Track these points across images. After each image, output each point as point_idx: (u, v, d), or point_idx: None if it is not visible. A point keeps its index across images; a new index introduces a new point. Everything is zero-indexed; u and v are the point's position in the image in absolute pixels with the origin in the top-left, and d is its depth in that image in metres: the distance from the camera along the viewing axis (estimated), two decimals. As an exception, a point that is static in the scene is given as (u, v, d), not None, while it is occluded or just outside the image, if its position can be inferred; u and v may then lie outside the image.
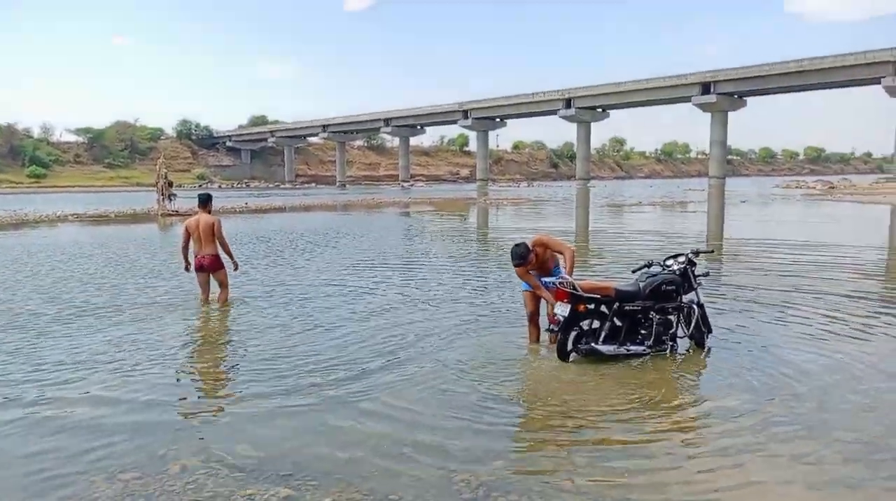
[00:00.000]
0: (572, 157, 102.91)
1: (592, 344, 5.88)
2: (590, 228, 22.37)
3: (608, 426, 4.46)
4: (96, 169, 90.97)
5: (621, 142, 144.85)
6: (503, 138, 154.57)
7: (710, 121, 68.08)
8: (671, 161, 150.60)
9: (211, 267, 8.50)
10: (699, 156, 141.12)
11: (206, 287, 8.61)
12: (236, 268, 8.90)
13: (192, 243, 8.49)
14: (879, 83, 55.61)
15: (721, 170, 69.04)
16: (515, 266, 6.10)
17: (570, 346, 5.94)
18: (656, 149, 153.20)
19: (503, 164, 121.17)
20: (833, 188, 50.91)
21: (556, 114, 78.23)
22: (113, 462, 3.96)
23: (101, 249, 15.53)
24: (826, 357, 5.97)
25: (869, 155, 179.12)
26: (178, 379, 5.65)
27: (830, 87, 63.94)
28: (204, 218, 8.49)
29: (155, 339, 6.85)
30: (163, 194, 29.67)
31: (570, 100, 75.45)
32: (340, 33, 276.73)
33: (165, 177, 30.14)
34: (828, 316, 7.54)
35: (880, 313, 7.73)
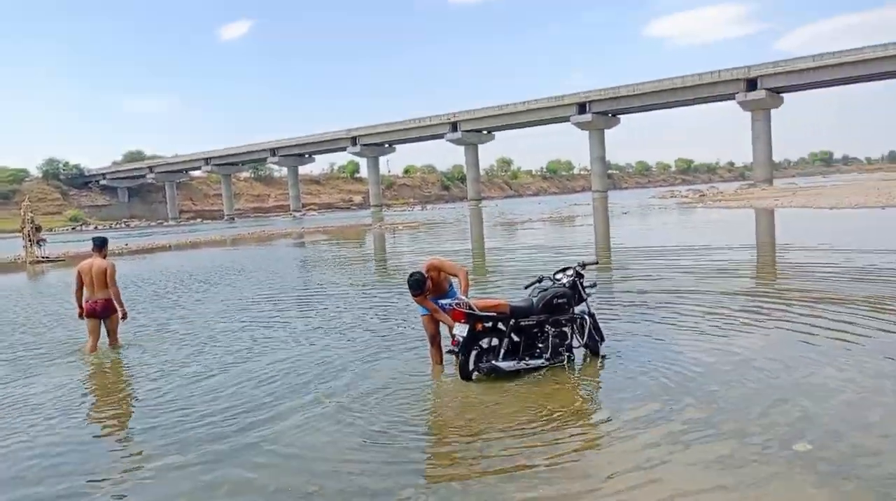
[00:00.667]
0: (463, 179, 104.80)
1: (493, 362, 5.98)
2: (485, 246, 22.86)
3: (516, 447, 4.45)
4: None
5: (508, 162, 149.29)
6: (394, 163, 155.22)
7: (589, 138, 71.57)
8: (557, 178, 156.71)
9: (103, 313, 8.12)
10: (582, 173, 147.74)
11: (95, 334, 8.12)
12: (124, 317, 8.36)
13: (84, 288, 8.10)
14: (734, 98, 60.72)
15: (603, 184, 72.63)
16: (414, 295, 6.13)
17: (471, 365, 6.01)
18: (542, 168, 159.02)
19: (396, 189, 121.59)
20: (703, 196, 54.69)
21: (443, 137, 79.59)
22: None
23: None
24: (720, 350, 6.39)
25: (732, 164, 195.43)
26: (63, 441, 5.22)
27: (692, 104, 68.90)
28: (98, 262, 8.14)
29: (40, 393, 6.30)
30: (30, 240, 27.50)
31: (456, 123, 77.07)
32: (217, 65, 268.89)
33: (32, 222, 27.95)
34: (712, 313, 8.08)
35: (759, 307, 8.37)
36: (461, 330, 5.86)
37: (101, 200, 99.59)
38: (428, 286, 6.10)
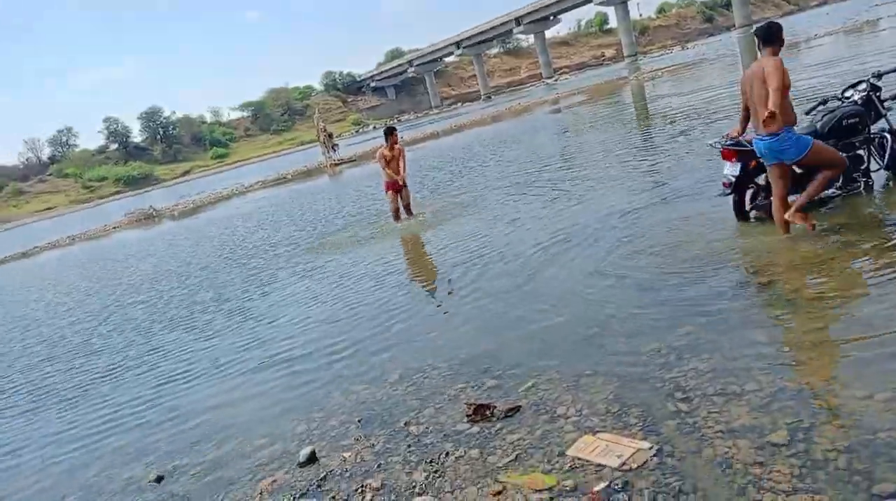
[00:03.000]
0: (728, 5, 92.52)
1: (772, 198, 5.59)
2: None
3: (797, 279, 4.32)
4: (264, 138, 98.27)
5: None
6: (645, 5, 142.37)
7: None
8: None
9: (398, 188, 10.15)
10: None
11: (396, 204, 10.19)
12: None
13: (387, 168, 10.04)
14: None
15: (914, -28, 58.36)
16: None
17: (748, 205, 5.71)
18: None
19: (651, 33, 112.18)
20: None
21: (699, -39, 70.39)
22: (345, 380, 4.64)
23: (296, 202, 17.17)
24: None
25: None
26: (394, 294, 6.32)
27: None
28: (395, 148, 10.02)
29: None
30: (326, 146, 31.52)
31: (712, -59, 67.32)
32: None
33: (325, 131, 31.91)
34: None
35: None
36: (732, 169, 5.55)
37: (374, 101, 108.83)
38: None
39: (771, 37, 4.63)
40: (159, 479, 3.87)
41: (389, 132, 10.12)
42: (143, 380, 5.89)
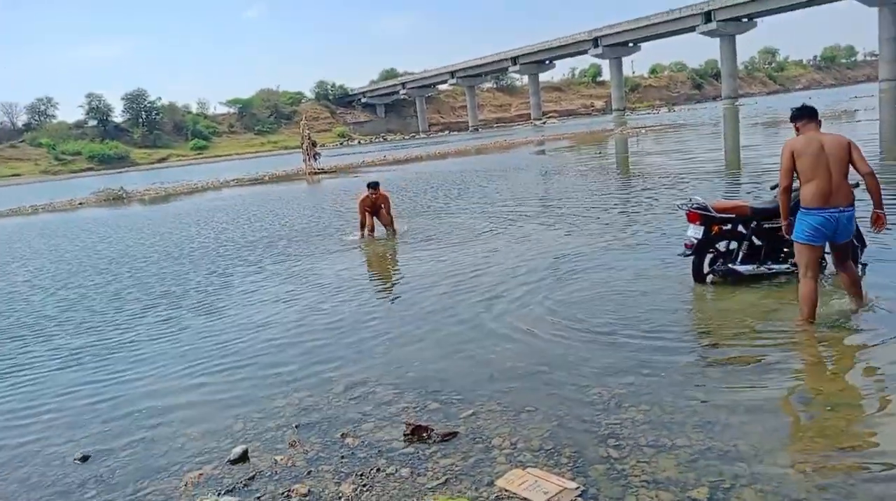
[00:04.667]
0: (717, 76, 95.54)
1: (730, 265, 5.79)
2: (740, 145, 21.10)
3: (744, 345, 4.46)
4: (248, 136, 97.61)
5: (773, 52, 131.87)
6: (638, 63, 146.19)
7: (878, 15, 60.07)
8: (834, 67, 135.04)
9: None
10: (867, 59, 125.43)
11: (371, 222, 10.35)
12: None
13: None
14: None
15: (894, 70, 61.07)
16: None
17: (706, 268, 5.89)
18: (815, 57, 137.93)
19: (641, 91, 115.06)
20: None
21: (694, 30, 72.55)
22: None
23: (263, 206, 17.07)
24: None
25: None
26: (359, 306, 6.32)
27: None
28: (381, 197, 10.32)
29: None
30: (308, 154, 31.48)
31: (710, 13, 69.46)
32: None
33: (309, 138, 31.91)
34: None
35: None
36: (695, 231, 5.74)
37: (363, 117, 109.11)
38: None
39: (816, 114, 4.69)
40: (84, 458, 3.79)
41: (373, 186, 10.21)
42: (83, 362, 5.77)
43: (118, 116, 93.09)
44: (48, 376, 5.41)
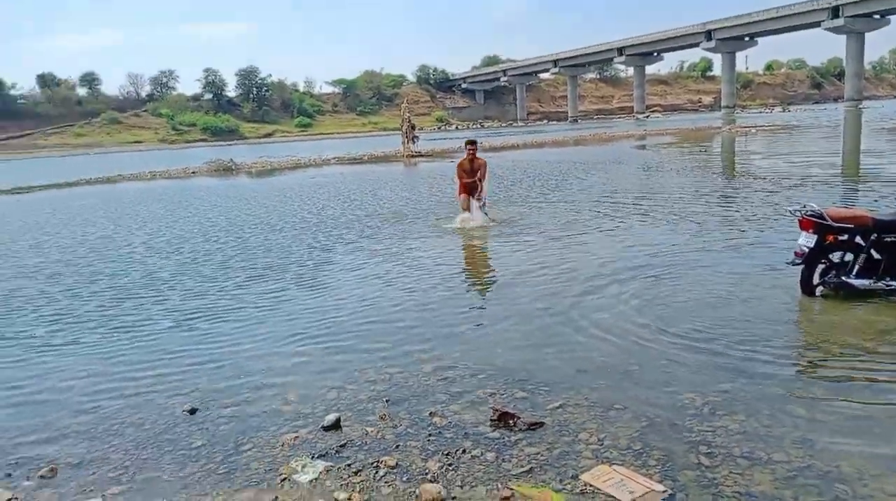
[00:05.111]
0: (839, 75, 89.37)
1: (843, 278, 5.47)
2: (860, 151, 19.75)
3: (853, 363, 4.23)
4: (349, 116, 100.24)
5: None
6: (752, 59, 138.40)
7: None
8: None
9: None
10: None
11: (467, 204, 10.33)
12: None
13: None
14: None
15: None
16: None
17: (816, 280, 5.59)
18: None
19: (753, 89, 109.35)
20: None
21: (819, 26, 68.05)
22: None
23: (358, 184, 17.57)
24: None
25: None
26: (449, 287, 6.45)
27: None
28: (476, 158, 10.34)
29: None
30: (407, 137, 31.96)
31: (837, 7, 64.92)
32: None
33: (409, 121, 32.38)
34: None
35: None
36: (807, 240, 5.45)
37: (462, 102, 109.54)
38: None
39: None
40: (193, 411, 4.09)
41: (471, 143, 10.18)
42: (196, 323, 6.18)
43: (231, 91, 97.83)
44: (162, 335, 5.81)
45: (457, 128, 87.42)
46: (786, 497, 2.81)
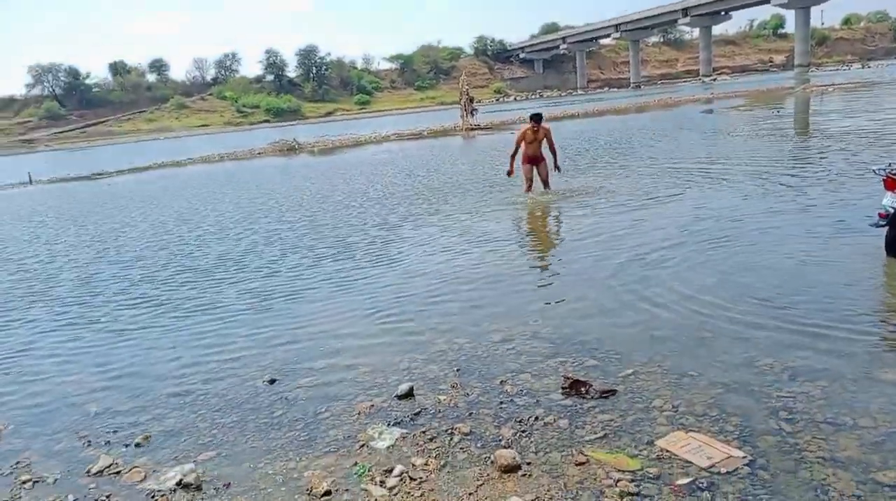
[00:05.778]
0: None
1: (933, 239, 5.18)
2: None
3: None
4: (407, 92, 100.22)
5: None
6: (828, 14, 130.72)
7: None
8: None
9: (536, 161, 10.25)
10: None
11: (530, 174, 10.25)
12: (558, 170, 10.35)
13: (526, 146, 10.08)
14: None
15: None
16: None
17: (903, 242, 5.32)
18: None
19: (829, 45, 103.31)
20: None
21: (904, -27, 63.55)
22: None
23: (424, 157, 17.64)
24: None
25: None
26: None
27: None
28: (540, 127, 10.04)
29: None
30: (466, 110, 31.77)
31: (925, -48, 60.37)
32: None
33: (467, 94, 32.15)
34: None
35: None
36: (892, 200, 5.18)
37: (520, 73, 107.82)
38: None
39: None
40: (272, 381, 4.26)
41: (535, 118, 10.04)
42: (280, 295, 6.40)
43: (291, 71, 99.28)
44: (239, 314, 6.04)
45: (515, 99, 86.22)
46: (873, 461, 2.73)
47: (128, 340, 5.51)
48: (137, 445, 3.64)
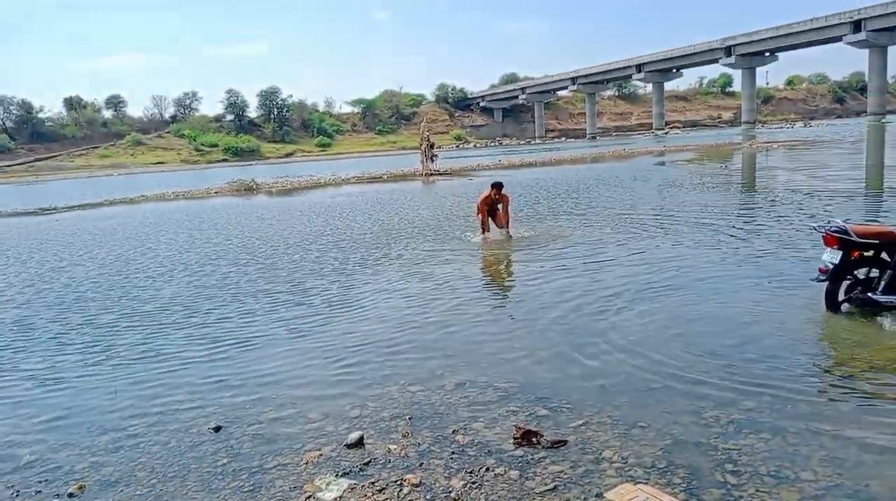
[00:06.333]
0: (863, 90, 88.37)
1: (869, 294, 5.40)
2: (884, 165, 19.50)
3: (881, 380, 4.17)
4: (368, 136, 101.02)
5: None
6: (773, 75, 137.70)
7: None
8: None
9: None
10: None
11: (486, 218, 10.68)
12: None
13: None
14: None
15: None
16: None
17: (841, 296, 5.53)
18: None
19: (774, 104, 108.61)
20: None
21: (841, 40, 67.52)
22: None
23: (377, 203, 17.68)
24: None
25: None
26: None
27: None
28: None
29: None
30: (426, 156, 32.16)
31: (860, 22, 64.41)
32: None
33: (428, 140, 32.61)
34: None
35: None
36: (832, 256, 5.40)
37: (480, 121, 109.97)
38: None
39: None
40: (217, 429, 4.13)
41: (497, 186, 10.62)
42: (217, 340, 6.25)
43: (252, 112, 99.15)
44: (187, 361, 5.89)
45: (475, 146, 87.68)
46: (814, 516, 2.78)
47: (66, 387, 5.28)
48: (70, 496, 3.47)
